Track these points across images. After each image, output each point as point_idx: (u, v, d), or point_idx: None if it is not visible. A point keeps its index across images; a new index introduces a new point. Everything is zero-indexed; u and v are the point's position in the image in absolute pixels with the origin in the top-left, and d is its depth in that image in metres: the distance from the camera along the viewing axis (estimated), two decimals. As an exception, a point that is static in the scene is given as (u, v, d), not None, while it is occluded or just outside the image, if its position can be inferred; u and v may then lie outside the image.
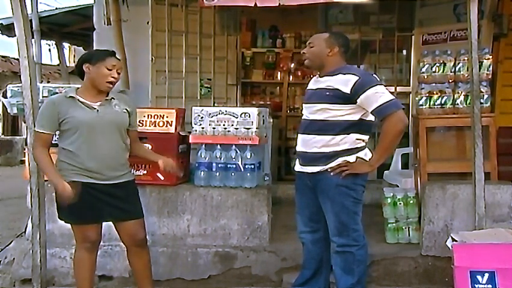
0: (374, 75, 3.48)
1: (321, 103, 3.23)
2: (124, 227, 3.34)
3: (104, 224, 3.38)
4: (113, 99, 3.29)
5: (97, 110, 3.21)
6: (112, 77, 3.20)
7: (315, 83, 3.38)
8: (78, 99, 3.21)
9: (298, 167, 3.41)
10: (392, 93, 3.31)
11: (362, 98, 3.12)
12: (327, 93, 3.20)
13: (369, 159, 3.25)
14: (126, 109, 3.31)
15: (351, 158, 3.21)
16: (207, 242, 4.08)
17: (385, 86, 3.27)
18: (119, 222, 3.34)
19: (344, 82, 3.16)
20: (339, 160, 3.21)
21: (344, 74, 3.19)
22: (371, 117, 3.24)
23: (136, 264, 3.46)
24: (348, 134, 3.21)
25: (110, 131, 3.23)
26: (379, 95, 3.11)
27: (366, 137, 3.29)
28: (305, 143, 3.31)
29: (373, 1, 5.61)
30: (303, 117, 3.39)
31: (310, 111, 3.30)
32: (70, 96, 3.22)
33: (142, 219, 3.41)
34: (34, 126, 3.36)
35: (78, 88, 3.31)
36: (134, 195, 3.40)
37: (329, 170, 3.21)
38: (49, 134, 3.21)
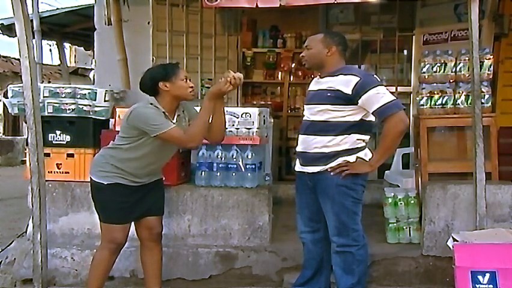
0: (375, 75, 3.48)
1: (323, 104, 3.23)
2: (145, 221, 3.41)
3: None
4: (184, 112, 3.35)
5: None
6: (191, 87, 3.25)
7: (316, 84, 3.38)
8: (165, 113, 3.20)
9: (298, 167, 3.41)
10: (392, 93, 3.31)
11: (363, 99, 3.12)
12: (328, 94, 3.20)
13: (370, 159, 3.25)
14: (186, 116, 3.36)
15: (352, 158, 3.21)
16: (207, 242, 4.08)
17: (386, 86, 3.27)
18: (142, 217, 3.40)
19: (345, 83, 3.16)
20: (340, 160, 3.21)
21: (345, 75, 3.19)
22: (372, 118, 3.24)
23: (147, 260, 3.48)
24: (349, 135, 3.22)
25: (167, 148, 3.30)
26: (380, 95, 3.11)
27: (366, 137, 3.29)
28: (306, 143, 3.31)
29: (374, 1, 5.61)
30: (304, 118, 3.39)
31: (312, 112, 3.30)
32: (163, 112, 3.21)
33: (162, 215, 3.51)
34: (35, 127, 3.33)
35: (152, 104, 3.22)
36: (160, 191, 3.50)
37: (329, 170, 3.21)
38: (177, 127, 3.18)
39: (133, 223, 3.41)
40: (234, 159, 4.00)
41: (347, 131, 3.21)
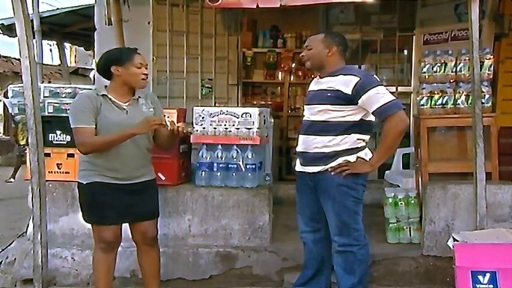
0: (375, 75, 3.48)
1: (323, 104, 3.23)
2: (138, 225, 3.36)
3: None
4: (140, 98, 3.29)
5: (126, 111, 3.20)
6: (144, 74, 3.22)
7: (316, 84, 3.38)
8: (109, 98, 3.20)
9: (299, 167, 3.42)
10: (393, 93, 3.31)
11: (363, 99, 3.12)
12: (328, 94, 3.21)
13: (370, 159, 3.25)
14: (153, 108, 3.30)
15: (352, 158, 3.22)
16: (208, 242, 4.08)
17: (386, 86, 3.27)
18: (135, 222, 3.35)
19: (345, 83, 3.16)
20: (340, 160, 3.21)
21: (345, 75, 3.20)
22: (372, 117, 3.24)
23: (144, 262, 3.46)
24: (349, 134, 3.22)
25: (147, 135, 3.23)
26: (380, 95, 3.12)
27: (366, 137, 3.29)
28: (306, 143, 3.31)
29: (374, 1, 5.61)
30: (304, 118, 3.40)
31: (312, 113, 3.30)
32: (102, 94, 3.21)
33: (156, 218, 3.44)
34: (35, 126, 3.34)
35: (106, 86, 3.28)
36: (153, 195, 3.42)
37: (329, 169, 3.22)
38: (92, 128, 3.13)
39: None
40: (234, 159, 4.00)
41: (347, 131, 3.21)
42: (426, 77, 4.15)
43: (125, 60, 3.19)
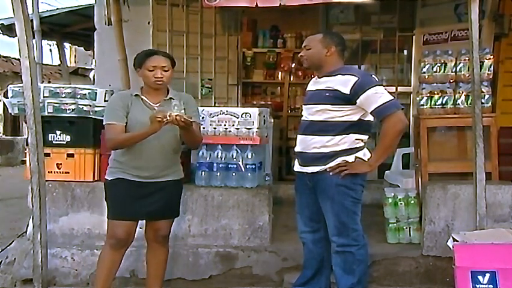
0: (373, 75, 3.49)
1: (321, 104, 3.23)
2: (154, 223, 3.38)
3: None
4: (173, 99, 3.31)
5: (157, 112, 3.21)
6: (155, 77, 3.24)
7: (314, 84, 3.38)
8: (142, 98, 3.28)
9: (297, 167, 3.41)
10: (393, 93, 3.31)
11: (362, 99, 3.13)
12: (327, 94, 3.21)
13: (368, 159, 3.25)
14: (184, 108, 3.25)
15: (350, 158, 3.22)
16: (207, 242, 4.08)
17: (386, 86, 3.27)
18: (152, 220, 3.37)
19: (344, 83, 3.16)
20: (339, 160, 3.21)
21: (343, 75, 3.20)
22: (370, 117, 3.24)
23: (150, 260, 3.47)
24: (348, 134, 3.22)
25: (165, 133, 3.20)
26: (379, 95, 3.12)
27: (365, 137, 3.29)
28: (304, 143, 3.31)
29: (374, 1, 5.61)
30: (302, 118, 3.40)
31: (310, 112, 3.31)
32: (135, 94, 3.30)
33: (173, 218, 3.47)
34: (35, 127, 3.34)
35: (142, 87, 3.36)
36: (175, 196, 3.44)
37: (328, 170, 3.22)
38: (122, 125, 3.22)
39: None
40: (234, 159, 4.00)
41: (346, 131, 3.21)
42: (426, 77, 4.15)
43: (140, 64, 3.29)
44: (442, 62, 4.11)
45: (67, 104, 4.16)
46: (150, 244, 3.46)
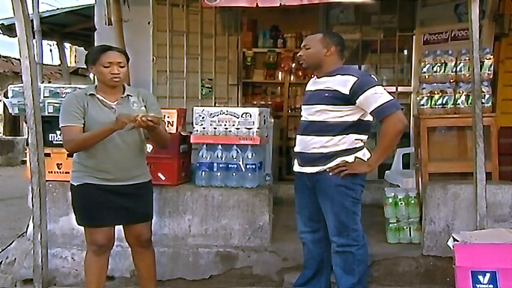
0: (372, 75, 3.49)
1: (320, 104, 3.23)
2: (131, 228, 3.31)
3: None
4: (130, 96, 3.21)
5: (115, 110, 3.14)
6: (112, 74, 3.12)
7: (313, 84, 3.38)
8: (97, 98, 3.17)
9: (297, 168, 3.41)
10: (393, 93, 3.31)
11: (361, 99, 3.12)
12: (326, 94, 3.20)
13: (368, 159, 3.25)
14: (144, 106, 3.20)
15: (350, 158, 3.22)
16: (208, 242, 4.08)
17: (386, 86, 3.27)
18: (128, 224, 3.31)
19: (343, 83, 3.16)
20: (338, 160, 3.21)
21: (343, 75, 3.20)
22: (369, 118, 3.24)
23: (139, 264, 3.44)
24: (347, 135, 3.22)
25: (127, 132, 3.10)
26: (378, 95, 3.12)
27: (364, 137, 3.30)
28: (304, 143, 3.31)
29: (374, 1, 5.61)
30: (301, 119, 3.40)
31: (309, 113, 3.30)
32: (90, 94, 3.18)
33: (150, 221, 3.39)
34: (35, 127, 3.33)
35: (96, 85, 3.26)
36: (147, 197, 3.35)
37: (327, 170, 3.22)
38: (79, 127, 3.11)
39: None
40: (235, 159, 4.00)
41: (345, 131, 3.21)
42: (426, 77, 4.15)
43: (94, 60, 3.17)
44: (442, 62, 4.11)
45: (67, 104, 4.15)
46: (135, 249, 3.40)
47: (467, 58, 3.95)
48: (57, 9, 8.32)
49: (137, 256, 3.42)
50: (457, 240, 3.34)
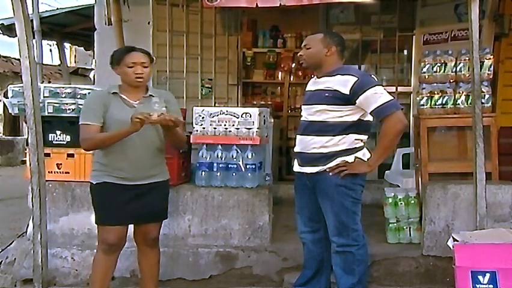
0: (372, 75, 3.49)
1: (320, 104, 3.23)
2: (142, 225, 3.32)
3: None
4: (153, 96, 3.22)
5: (136, 110, 3.12)
6: (136, 74, 3.17)
7: (313, 84, 3.38)
8: (120, 96, 3.21)
9: (297, 168, 3.41)
10: (393, 93, 3.31)
11: (361, 99, 3.12)
12: (326, 94, 3.20)
13: (368, 159, 3.25)
14: (165, 106, 3.16)
15: (350, 158, 3.22)
16: (208, 242, 4.08)
17: (386, 86, 3.27)
18: (140, 223, 3.32)
19: (343, 83, 3.16)
20: (338, 160, 3.21)
21: (343, 75, 3.20)
22: (369, 118, 3.24)
23: (143, 263, 3.44)
24: (347, 135, 3.22)
25: (147, 131, 3.12)
26: (378, 95, 3.12)
27: (364, 137, 3.30)
28: (304, 143, 3.31)
29: (374, 1, 5.61)
30: (301, 119, 3.40)
31: (309, 113, 3.30)
32: (113, 92, 3.22)
33: (162, 221, 3.41)
34: (35, 127, 3.33)
35: (120, 85, 3.28)
36: (163, 197, 3.37)
37: (327, 170, 3.22)
38: (97, 126, 3.14)
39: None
40: (234, 159, 4.00)
41: (345, 131, 3.21)
42: (426, 77, 4.15)
43: (118, 61, 3.21)
44: (442, 62, 4.11)
45: (67, 104, 4.16)
46: (140, 247, 3.41)
47: (467, 58, 3.95)
48: (57, 9, 8.32)
49: (141, 254, 3.43)
50: (457, 240, 3.34)
